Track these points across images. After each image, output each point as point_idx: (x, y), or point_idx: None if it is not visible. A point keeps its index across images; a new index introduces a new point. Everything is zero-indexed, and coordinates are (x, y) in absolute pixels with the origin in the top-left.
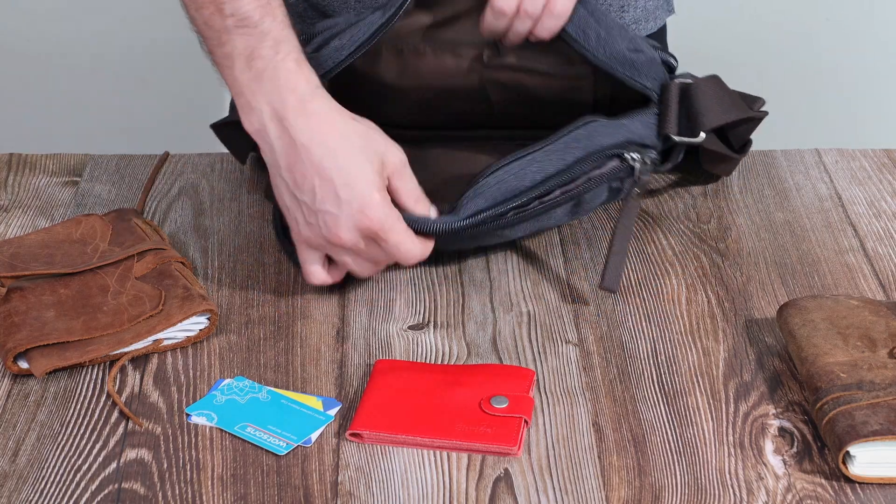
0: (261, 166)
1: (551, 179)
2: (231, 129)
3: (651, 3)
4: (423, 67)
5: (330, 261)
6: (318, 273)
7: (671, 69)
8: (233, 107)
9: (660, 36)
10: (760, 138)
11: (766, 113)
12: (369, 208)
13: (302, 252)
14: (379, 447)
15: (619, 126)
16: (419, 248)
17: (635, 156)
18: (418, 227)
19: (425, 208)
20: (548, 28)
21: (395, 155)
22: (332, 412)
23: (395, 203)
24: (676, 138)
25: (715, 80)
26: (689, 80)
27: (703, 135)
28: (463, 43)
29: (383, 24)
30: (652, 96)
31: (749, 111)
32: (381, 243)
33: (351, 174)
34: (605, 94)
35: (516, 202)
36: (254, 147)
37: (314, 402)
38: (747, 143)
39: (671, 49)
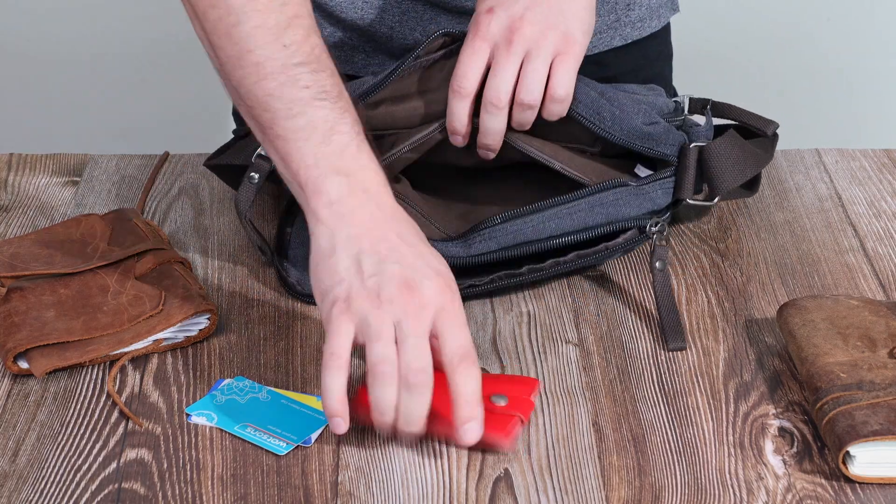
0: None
1: (567, 236)
2: (225, 168)
3: (656, 2)
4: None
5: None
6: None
7: (680, 127)
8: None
9: (664, 34)
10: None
11: (776, 140)
12: (445, 272)
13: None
14: (379, 447)
15: (644, 196)
16: (467, 338)
17: (655, 228)
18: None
19: None
20: (555, 113)
21: (451, 286)
22: None
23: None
24: (691, 202)
25: (731, 139)
26: (704, 144)
27: (717, 199)
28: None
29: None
30: (672, 161)
31: (764, 162)
32: (440, 328)
33: (426, 252)
34: (612, 156)
35: (528, 248)
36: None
37: (314, 403)
38: (757, 179)
39: (675, 49)
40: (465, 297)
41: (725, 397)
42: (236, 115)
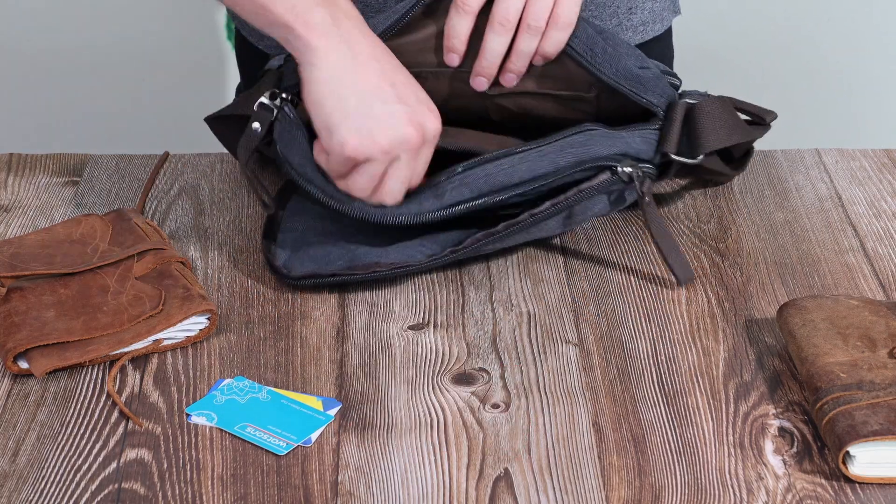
0: (261, 163)
1: (539, 180)
2: (226, 124)
3: (658, 5)
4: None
5: None
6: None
7: (675, 89)
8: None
9: (666, 37)
10: (761, 138)
11: (769, 127)
12: (436, 117)
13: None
14: (379, 447)
15: (617, 138)
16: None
17: (627, 169)
18: (402, 216)
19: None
20: (555, 41)
21: (434, 122)
22: (332, 412)
23: None
24: (674, 157)
25: (722, 102)
26: (695, 101)
27: (700, 157)
28: (464, 71)
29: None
30: (657, 112)
31: (752, 135)
32: (415, 156)
33: (407, 91)
34: (609, 113)
35: (500, 197)
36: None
37: (314, 402)
38: (748, 153)
39: (675, 50)
40: (446, 265)
41: (725, 397)
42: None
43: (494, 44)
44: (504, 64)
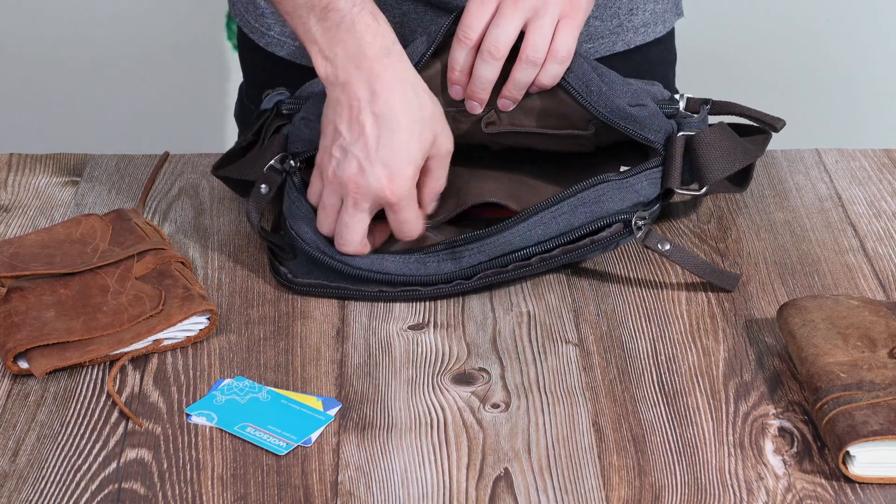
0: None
1: (554, 240)
2: (237, 182)
3: (660, 6)
4: None
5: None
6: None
7: (671, 115)
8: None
9: (668, 39)
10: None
11: (770, 137)
12: (398, 179)
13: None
14: (379, 447)
15: (627, 188)
16: (420, 226)
17: (641, 223)
18: (422, 278)
19: (430, 207)
20: (552, 73)
21: (446, 142)
22: (332, 412)
23: (418, 183)
24: (679, 190)
25: (721, 130)
26: (693, 132)
27: (705, 189)
28: (457, 109)
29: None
30: (657, 148)
31: (754, 155)
32: (391, 212)
33: (399, 142)
34: (608, 144)
35: (518, 255)
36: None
37: (314, 402)
38: (750, 169)
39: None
40: (452, 295)
41: (725, 397)
42: (238, 118)
43: (483, 71)
44: (500, 89)
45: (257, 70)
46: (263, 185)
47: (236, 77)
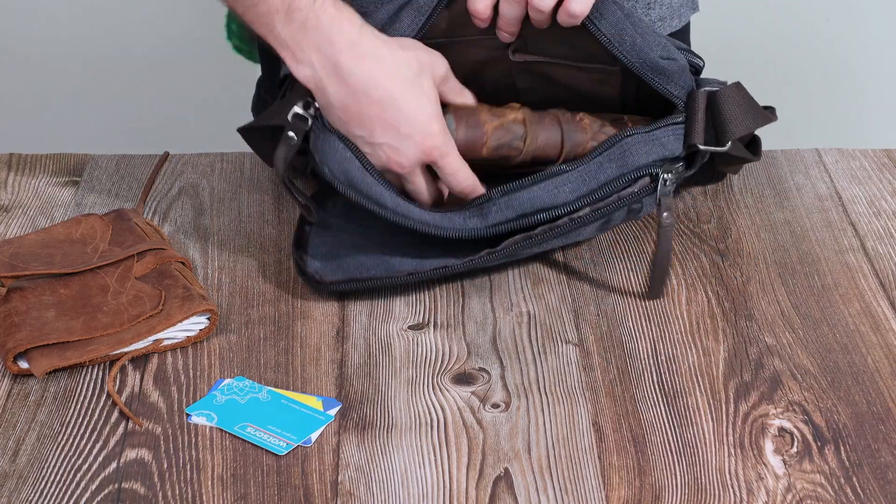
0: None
1: (583, 198)
2: (259, 134)
3: (676, 1)
4: (449, 58)
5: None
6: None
7: (697, 72)
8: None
9: (684, 33)
10: (761, 138)
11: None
12: (430, 139)
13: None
14: (379, 447)
15: (653, 142)
16: (471, 177)
17: (667, 176)
18: (444, 231)
19: (470, 96)
20: (567, 23)
21: (441, 66)
22: (332, 412)
23: (442, 101)
24: (703, 147)
25: (738, 88)
26: (716, 88)
27: (729, 144)
28: (487, 37)
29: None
30: (678, 104)
31: (769, 118)
32: (438, 168)
33: (411, 110)
34: (632, 89)
35: (545, 215)
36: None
37: (314, 402)
38: (756, 141)
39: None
40: (483, 266)
41: (725, 397)
42: (255, 109)
43: (509, 11)
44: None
45: (275, 63)
46: (290, 132)
47: (236, 77)
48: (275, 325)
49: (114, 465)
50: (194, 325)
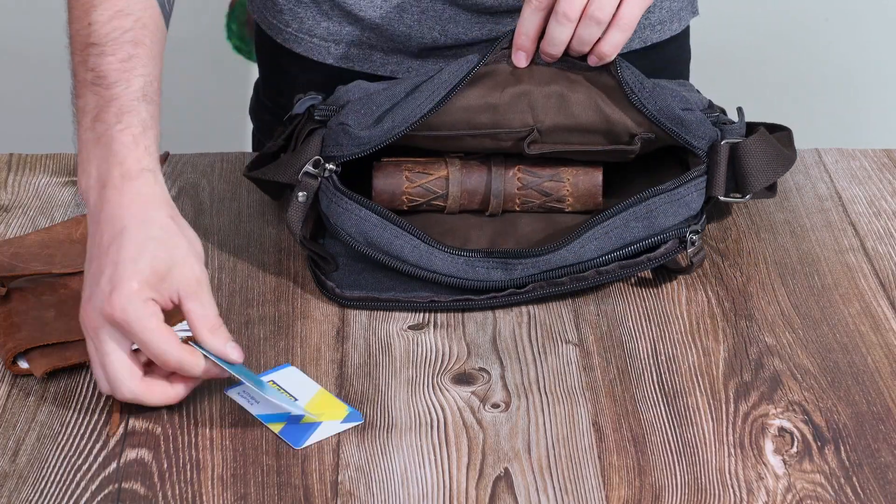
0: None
1: (608, 255)
2: (270, 184)
3: (676, 4)
4: (462, 148)
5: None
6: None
7: (717, 123)
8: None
9: (684, 37)
10: None
11: (791, 133)
12: (119, 292)
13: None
14: (379, 447)
15: (678, 202)
16: (175, 350)
17: (695, 237)
18: (467, 283)
19: (222, 341)
20: (613, 42)
21: (194, 272)
22: (348, 427)
23: (192, 329)
24: (723, 199)
25: (763, 138)
26: (737, 140)
27: (749, 196)
28: (503, 127)
29: (432, 109)
30: (699, 154)
31: (792, 160)
32: (130, 336)
33: (125, 255)
34: (649, 153)
35: (571, 269)
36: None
37: (340, 407)
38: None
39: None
40: (504, 306)
41: (725, 397)
42: (253, 113)
43: (558, 33)
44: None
45: (273, 67)
46: (301, 193)
47: (236, 77)
48: (275, 325)
49: (114, 465)
50: None
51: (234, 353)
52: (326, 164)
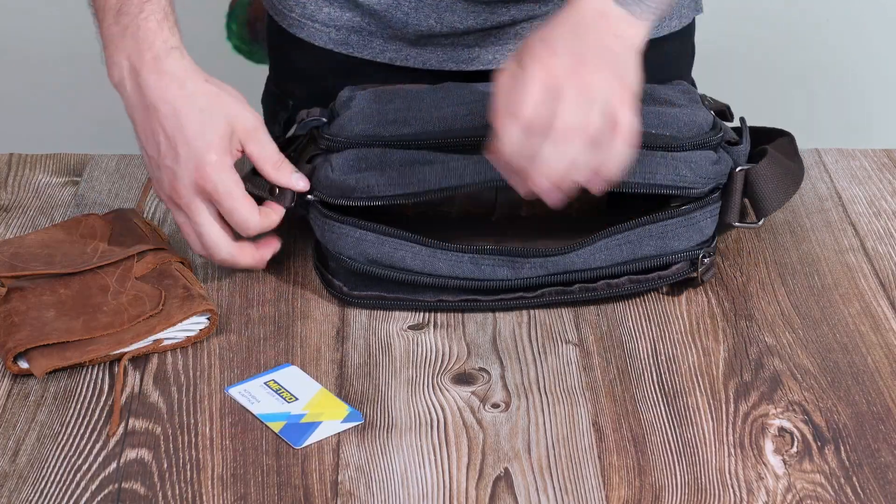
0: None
1: (619, 266)
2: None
3: (677, 1)
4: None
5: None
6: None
7: (730, 143)
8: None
9: (687, 34)
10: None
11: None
12: (204, 167)
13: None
14: (379, 447)
15: (693, 226)
16: (255, 218)
17: (707, 260)
18: (474, 283)
19: (287, 174)
20: (599, 188)
21: (247, 120)
22: (347, 427)
23: (258, 169)
24: (737, 225)
25: (773, 160)
26: (748, 167)
27: (762, 220)
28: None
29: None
30: (701, 195)
31: (801, 177)
32: (217, 206)
33: (190, 133)
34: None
35: (579, 275)
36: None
37: (340, 406)
38: None
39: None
40: (512, 308)
41: (725, 397)
42: (264, 102)
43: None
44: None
45: (278, 52)
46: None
47: (236, 77)
48: (275, 325)
49: (114, 465)
50: (194, 325)
51: (300, 182)
52: (308, 196)
